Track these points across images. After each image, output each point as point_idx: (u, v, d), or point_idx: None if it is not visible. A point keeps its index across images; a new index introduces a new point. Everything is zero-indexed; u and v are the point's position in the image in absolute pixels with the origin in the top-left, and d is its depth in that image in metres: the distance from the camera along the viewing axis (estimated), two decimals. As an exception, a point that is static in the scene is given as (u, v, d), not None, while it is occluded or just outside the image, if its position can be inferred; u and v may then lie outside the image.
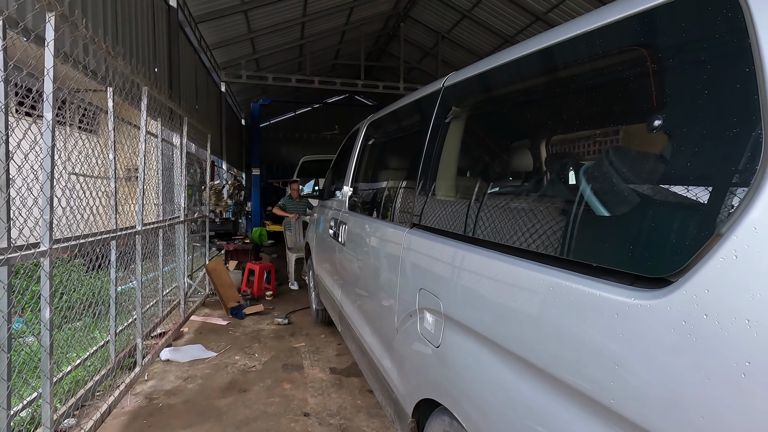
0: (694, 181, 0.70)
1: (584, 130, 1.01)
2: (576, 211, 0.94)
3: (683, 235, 0.68)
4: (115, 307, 2.88)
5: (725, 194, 0.64)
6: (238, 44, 9.41)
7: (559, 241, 0.95)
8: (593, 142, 0.97)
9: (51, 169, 1.77)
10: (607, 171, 0.89)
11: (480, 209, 1.32)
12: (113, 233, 2.62)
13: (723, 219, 0.63)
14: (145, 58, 4.86)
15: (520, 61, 1.27)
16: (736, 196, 0.62)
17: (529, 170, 1.21)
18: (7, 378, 1.70)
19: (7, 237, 1.64)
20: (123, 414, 2.69)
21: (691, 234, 0.66)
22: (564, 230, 0.95)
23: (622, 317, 0.73)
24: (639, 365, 0.70)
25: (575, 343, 0.83)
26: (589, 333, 0.80)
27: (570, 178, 0.98)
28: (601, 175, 0.90)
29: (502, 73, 1.38)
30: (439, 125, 1.69)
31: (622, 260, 0.78)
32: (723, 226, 0.62)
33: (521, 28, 8.99)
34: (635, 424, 0.70)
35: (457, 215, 1.46)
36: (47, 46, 1.75)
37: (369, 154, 2.82)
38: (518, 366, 0.99)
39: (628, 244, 0.77)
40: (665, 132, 0.78)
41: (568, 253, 0.91)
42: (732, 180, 0.64)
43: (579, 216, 0.92)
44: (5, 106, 1.63)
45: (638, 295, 0.71)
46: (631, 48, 0.90)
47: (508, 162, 1.34)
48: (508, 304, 1.03)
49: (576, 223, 0.92)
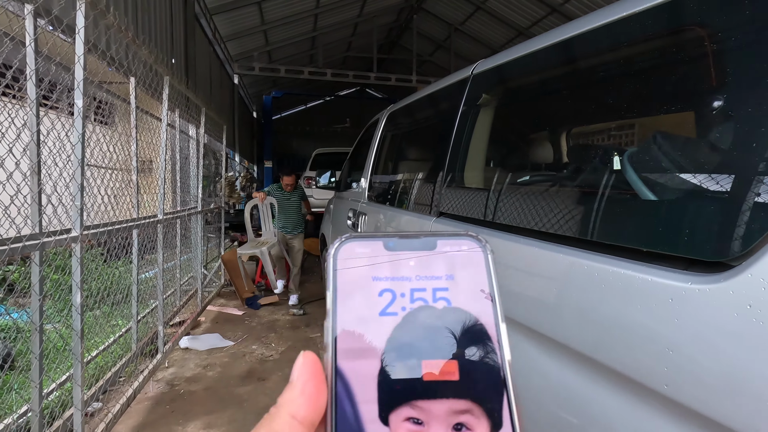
0: (757, 162, 0.68)
1: (630, 117, 1.00)
2: (622, 198, 0.92)
3: (747, 218, 0.66)
4: (137, 293, 2.93)
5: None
6: (251, 36, 9.43)
7: (602, 228, 0.94)
8: (641, 128, 0.95)
9: (82, 156, 1.80)
10: (658, 156, 0.87)
11: (514, 197, 1.31)
12: (136, 222, 2.66)
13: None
14: (163, 49, 4.89)
15: (556, 46, 1.25)
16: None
17: (566, 157, 1.20)
18: (40, 360, 1.74)
19: (39, 223, 1.67)
20: (146, 399, 2.74)
21: (757, 217, 0.65)
22: (609, 216, 0.93)
23: (678, 302, 0.72)
24: (695, 350, 0.69)
25: (622, 328, 0.82)
26: (638, 318, 0.79)
27: (616, 163, 0.97)
28: (653, 161, 0.89)
29: (537, 59, 1.35)
30: (467, 113, 1.67)
31: (676, 245, 0.77)
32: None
33: (536, 20, 8.87)
34: (691, 409, 0.69)
35: (488, 203, 1.45)
36: (78, 33, 1.76)
37: (390, 144, 2.81)
38: (558, 352, 0.98)
39: (685, 229, 0.76)
40: (726, 114, 0.77)
41: (613, 239, 0.90)
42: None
43: (626, 202, 0.91)
44: (37, 97, 1.65)
45: (696, 280, 0.70)
46: (684, 28, 0.88)
47: (542, 149, 1.32)
48: (548, 291, 1.02)
49: (623, 209, 0.91)
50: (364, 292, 0.24)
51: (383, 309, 0.23)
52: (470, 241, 0.25)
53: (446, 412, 0.21)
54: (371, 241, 0.25)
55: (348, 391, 0.22)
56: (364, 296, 0.23)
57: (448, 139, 1.75)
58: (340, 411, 0.21)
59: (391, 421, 0.21)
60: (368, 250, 0.25)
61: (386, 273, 0.24)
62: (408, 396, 0.21)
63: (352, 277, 0.24)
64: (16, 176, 1.65)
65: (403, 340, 0.22)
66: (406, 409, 0.21)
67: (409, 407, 0.21)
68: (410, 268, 0.24)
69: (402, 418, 0.21)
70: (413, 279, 0.24)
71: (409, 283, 0.24)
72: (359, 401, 0.21)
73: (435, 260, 0.24)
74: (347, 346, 0.22)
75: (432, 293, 0.24)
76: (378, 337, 0.23)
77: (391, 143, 2.80)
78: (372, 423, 0.21)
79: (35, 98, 1.63)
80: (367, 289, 0.24)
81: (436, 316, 0.23)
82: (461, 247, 0.25)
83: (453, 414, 0.21)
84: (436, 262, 0.24)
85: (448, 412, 0.21)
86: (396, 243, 0.25)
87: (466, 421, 0.21)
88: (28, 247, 1.53)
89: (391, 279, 0.24)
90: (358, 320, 0.23)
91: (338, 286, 0.24)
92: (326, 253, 0.25)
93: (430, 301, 0.23)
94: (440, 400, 0.21)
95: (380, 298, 0.23)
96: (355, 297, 0.23)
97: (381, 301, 0.23)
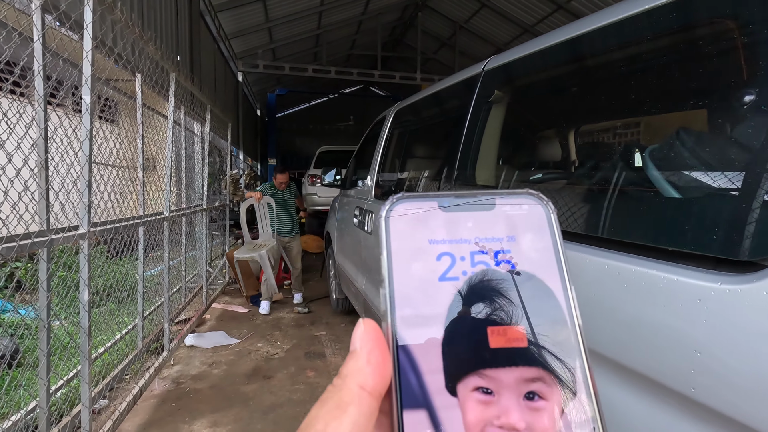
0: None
1: (652, 113, 0.97)
2: (644, 196, 0.90)
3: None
4: (143, 289, 2.92)
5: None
6: (256, 33, 9.41)
7: (623, 226, 0.92)
8: (663, 124, 0.93)
9: (90, 152, 1.79)
10: (684, 152, 0.85)
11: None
12: (143, 219, 2.65)
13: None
14: (168, 46, 4.88)
15: (571, 42, 1.22)
16: None
17: (584, 154, 1.17)
18: (47, 357, 1.74)
19: (47, 220, 1.67)
20: (152, 397, 2.73)
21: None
22: (630, 215, 0.91)
23: (706, 302, 0.70)
24: (725, 352, 0.67)
25: (645, 329, 0.80)
26: (662, 319, 0.77)
27: (637, 160, 0.95)
28: (679, 157, 0.87)
29: (552, 55, 1.33)
30: (479, 110, 1.65)
31: (703, 244, 0.75)
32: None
33: (542, 17, 8.81)
34: (719, 412, 0.67)
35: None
36: (86, 28, 1.75)
37: (398, 142, 2.79)
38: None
39: (714, 227, 0.74)
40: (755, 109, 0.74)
41: (636, 238, 0.88)
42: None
43: (649, 200, 0.89)
44: (44, 95, 1.64)
45: (726, 280, 0.68)
46: (709, 21, 0.86)
47: (558, 146, 1.30)
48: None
49: (646, 208, 0.89)
50: (421, 256, 0.22)
51: (443, 274, 0.22)
52: (531, 198, 0.24)
53: (516, 381, 0.20)
54: (425, 201, 0.23)
55: (411, 360, 0.20)
56: (422, 260, 0.22)
57: (459, 136, 1.73)
58: (405, 382, 0.20)
59: (459, 391, 0.20)
60: (422, 211, 0.23)
61: (443, 235, 0.23)
62: (475, 365, 0.20)
63: (407, 240, 0.22)
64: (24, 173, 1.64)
65: (466, 306, 0.21)
66: (474, 379, 0.20)
67: (478, 376, 0.20)
68: (469, 230, 0.23)
69: (470, 388, 0.20)
70: (472, 241, 0.22)
71: (468, 246, 0.22)
72: (424, 371, 0.20)
73: (495, 220, 0.23)
74: (407, 314, 0.21)
75: (494, 256, 0.22)
76: (439, 303, 0.21)
77: (398, 141, 2.78)
78: (439, 394, 0.20)
79: (43, 94, 1.62)
80: (425, 252, 0.22)
81: (500, 280, 0.22)
82: (522, 206, 0.23)
83: (524, 382, 0.20)
84: (496, 223, 0.23)
85: (519, 380, 0.20)
86: (451, 203, 0.23)
87: (538, 389, 0.20)
88: (36, 243, 1.53)
89: (449, 242, 0.22)
90: (416, 286, 0.22)
91: (392, 250, 0.22)
92: (377, 215, 0.23)
93: (492, 264, 0.22)
94: (510, 368, 0.20)
95: (439, 262, 0.22)
96: (412, 261, 0.22)
97: (440, 265, 0.22)
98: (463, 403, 0.20)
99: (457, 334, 0.21)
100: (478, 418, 0.20)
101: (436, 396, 0.20)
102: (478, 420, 0.20)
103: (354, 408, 0.19)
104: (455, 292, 0.21)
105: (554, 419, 0.20)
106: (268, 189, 4.72)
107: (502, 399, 0.20)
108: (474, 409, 0.20)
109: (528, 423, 0.20)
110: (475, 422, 0.20)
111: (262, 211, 4.66)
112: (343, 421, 0.19)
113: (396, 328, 0.21)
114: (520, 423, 0.20)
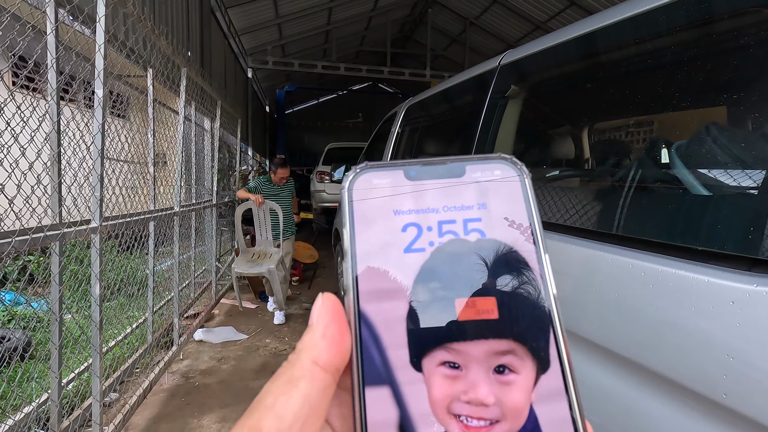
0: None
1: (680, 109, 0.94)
2: (674, 194, 0.87)
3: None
4: (153, 284, 2.94)
5: None
6: (266, 30, 9.41)
7: (650, 225, 0.89)
8: (691, 120, 0.89)
9: (102, 147, 1.79)
10: (716, 150, 0.82)
11: (546, 192, 1.26)
12: (153, 213, 2.65)
13: None
14: (179, 41, 4.89)
15: (592, 35, 1.19)
16: None
17: (605, 151, 1.14)
18: (59, 350, 1.74)
19: (60, 213, 1.67)
20: (161, 391, 2.75)
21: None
22: (658, 213, 0.88)
23: (740, 305, 0.67)
24: (760, 357, 0.64)
25: (673, 332, 0.77)
26: (692, 322, 0.74)
27: (664, 157, 0.91)
28: (711, 154, 0.83)
29: (570, 49, 1.29)
30: (494, 105, 1.62)
31: (737, 244, 0.72)
32: None
33: (554, 13, 8.70)
34: (753, 419, 0.64)
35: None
36: (98, 21, 1.74)
37: (409, 138, 2.76)
38: (600, 356, 0.93)
39: (748, 226, 0.71)
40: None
41: (663, 237, 0.85)
42: None
43: (679, 198, 0.86)
44: (57, 88, 1.64)
45: (763, 281, 0.65)
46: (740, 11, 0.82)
47: (579, 142, 1.27)
48: (589, 292, 0.98)
49: (674, 206, 0.86)
50: (385, 227, 0.21)
51: (408, 245, 0.21)
52: (503, 164, 0.22)
53: (486, 354, 0.19)
54: (391, 170, 0.22)
55: (374, 335, 0.19)
56: (386, 232, 0.21)
57: (473, 133, 1.69)
58: (367, 357, 0.19)
59: (425, 366, 0.19)
60: (388, 180, 0.22)
61: (409, 205, 0.21)
62: (441, 338, 0.20)
63: (370, 211, 0.21)
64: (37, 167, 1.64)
65: (432, 277, 0.20)
66: (440, 353, 0.19)
67: (444, 350, 0.19)
68: (437, 198, 0.22)
69: (436, 363, 0.19)
70: (440, 210, 0.21)
71: (436, 215, 0.21)
72: (387, 346, 0.19)
73: (464, 188, 0.22)
74: (370, 288, 0.20)
75: (463, 225, 0.21)
76: (404, 276, 0.20)
77: (409, 137, 2.75)
78: (403, 369, 0.19)
79: (56, 88, 1.62)
80: (389, 224, 0.21)
81: (470, 250, 0.21)
82: (494, 171, 0.22)
83: (493, 355, 0.19)
84: (465, 190, 0.22)
85: (488, 353, 0.19)
86: (418, 171, 0.22)
87: (509, 362, 0.19)
88: (49, 237, 1.53)
89: (415, 212, 0.21)
90: (380, 259, 0.21)
91: (356, 222, 0.21)
92: (341, 185, 0.22)
93: (461, 233, 0.21)
94: (478, 341, 0.19)
95: (404, 233, 0.21)
96: (376, 234, 0.21)
97: (405, 236, 0.21)
98: (428, 378, 0.19)
99: (421, 306, 0.20)
100: (445, 394, 0.19)
101: (400, 371, 0.19)
102: (444, 395, 0.19)
103: (305, 383, 0.18)
104: (421, 263, 0.20)
105: (525, 393, 0.19)
106: (264, 184, 4.07)
107: (470, 373, 0.19)
108: (440, 384, 0.19)
109: (497, 397, 0.19)
110: (441, 398, 0.19)
111: (262, 216, 4.03)
112: (292, 395, 0.18)
113: (358, 302, 0.20)
114: (488, 398, 0.19)
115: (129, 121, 3.21)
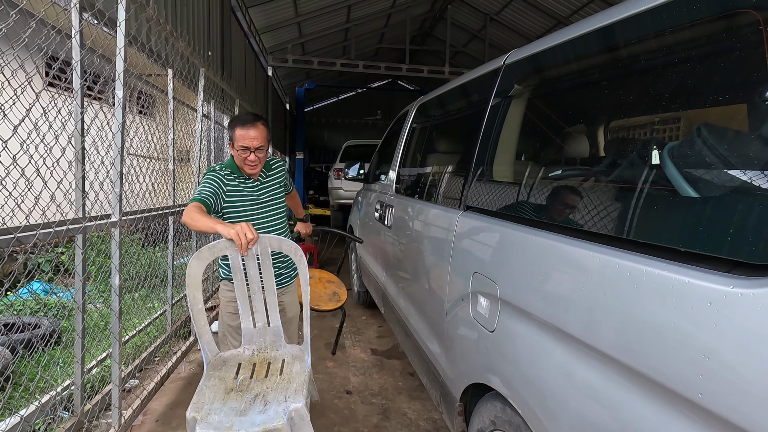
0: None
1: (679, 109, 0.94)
2: (660, 195, 0.87)
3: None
4: (172, 277, 3.05)
5: None
6: (286, 28, 9.53)
7: (637, 226, 0.90)
8: (687, 121, 0.89)
9: (121, 144, 1.87)
10: (703, 151, 0.82)
11: (545, 192, 1.27)
12: (173, 209, 2.75)
13: None
14: (200, 41, 5.02)
15: (595, 33, 1.18)
16: None
17: (602, 151, 1.14)
18: (82, 338, 1.85)
19: (83, 208, 1.76)
20: (179, 379, 2.86)
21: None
22: (646, 214, 0.89)
23: (717, 306, 0.68)
24: (736, 358, 0.65)
25: (654, 331, 0.78)
26: (672, 322, 0.75)
27: (654, 158, 0.91)
28: (697, 155, 0.83)
29: (574, 47, 1.30)
30: (498, 105, 1.63)
31: (717, 246, 0.72)
32: None
33: (577, 8, 8.51)
34: (727, 420, 0.65)
35: (517, 198, 1.41)
36: (119, 26, 1.83)
37: (418, 136, 2.78)
38: (584, 353, 0.95)
39: (728, 228, 0.71)
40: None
41: (648, 238, 0.85)
42: None
43: (664, 199, 0.86)
44: (81, 87, 1.73)
45: (740, 283, 0.65)
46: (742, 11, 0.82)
47: (577, 143, 1.27)
48: (577, 290, 0.99)
49: (661, 207, 0.86)
50: None
51: None
52: None
53: None
54: None
55: None
56: None
57: (478, 132, 1.71)
58: None
59: None
60: None
61: None
62: None
63: None
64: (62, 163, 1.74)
65: None
66: None
67: None
68: None
69: None
70: None
71: None
72: None
73: None
74: None
75: None
76: None
77: (420, 135, 2.77)
78: None
79: (79, 88, 1.71)
80: None
81: None
82: None
83: None
84: None
85: None
86: None
87: None
88: (71, 230, 1.62)
89: None
90: None
91: None
92: None
93: None
94: None
95: None
96: None
97: None
98: None
99: None
100: None
101: None
102: None
103: None
104: None
105: None
106: (225, 179, 1.92)
107: None
108: None
109: None
110: None
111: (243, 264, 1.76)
112: None
113: None
114: None
115: (152, 119, 3.33)
